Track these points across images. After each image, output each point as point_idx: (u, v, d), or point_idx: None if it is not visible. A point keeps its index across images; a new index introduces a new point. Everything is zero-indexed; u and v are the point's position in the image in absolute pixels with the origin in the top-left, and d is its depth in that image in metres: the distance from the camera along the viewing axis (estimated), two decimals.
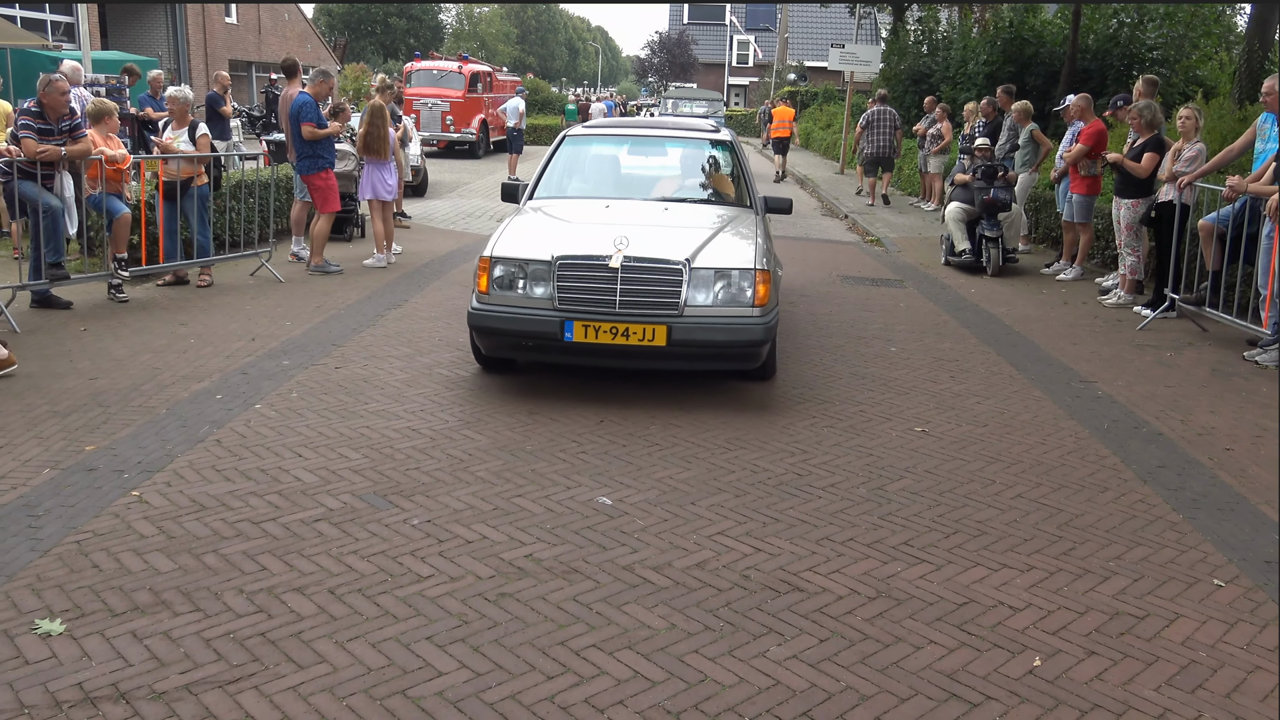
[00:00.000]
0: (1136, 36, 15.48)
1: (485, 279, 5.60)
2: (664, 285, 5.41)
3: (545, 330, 5.41)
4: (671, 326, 5.36)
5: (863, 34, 38.31)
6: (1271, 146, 7.43)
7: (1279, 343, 6.89)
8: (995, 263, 10.42)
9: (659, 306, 5.40)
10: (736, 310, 5.48)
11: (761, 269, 5.54)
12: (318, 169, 9.17)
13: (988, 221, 10.50)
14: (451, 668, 3.06)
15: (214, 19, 30.12)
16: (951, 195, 11.22)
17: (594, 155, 7.45)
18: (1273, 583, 3.80)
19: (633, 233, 5.73)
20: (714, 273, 5.51)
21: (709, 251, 5.64)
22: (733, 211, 6.55)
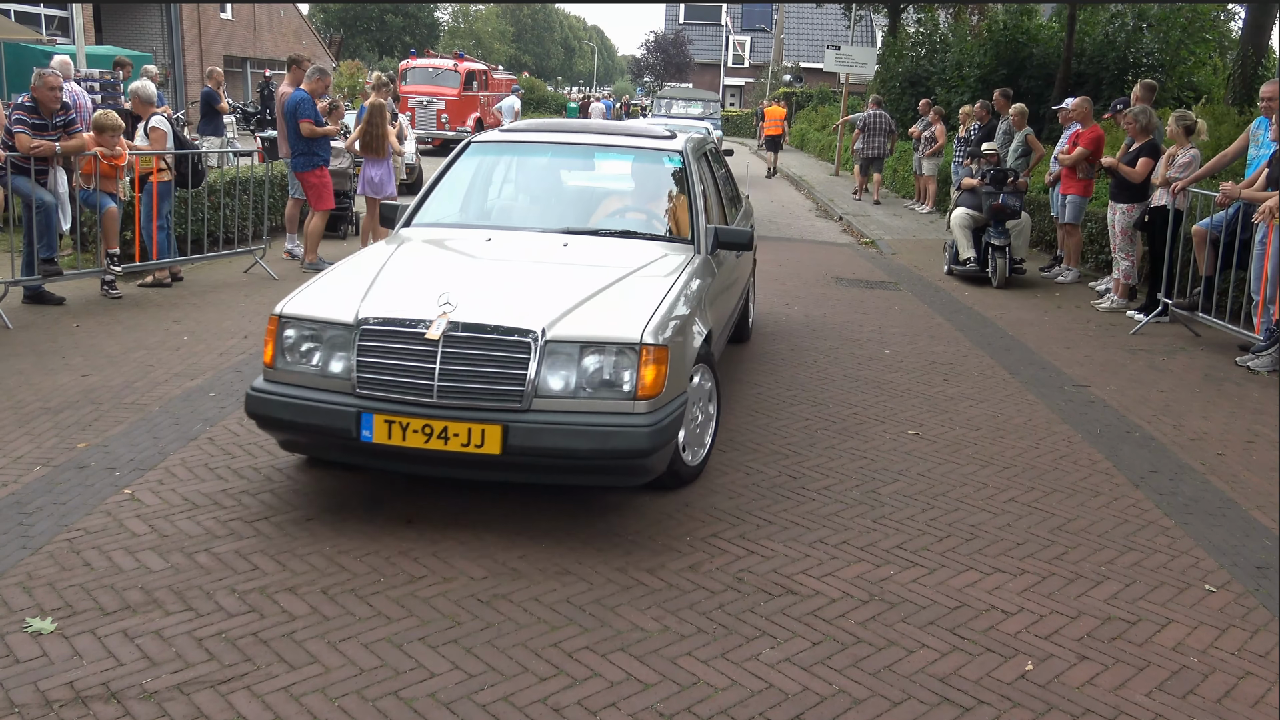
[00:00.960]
0: (1133, 40, 15.52)
1: (271, 346, 4.12)
2: (502, 365, 3.82)
3: (336, 425, 3.87)
4: (509, 427, 3.74)
5: (858, 36, 38.37)
6: (1265, 152, 7.45)
7: (1271, 348, 6.91)
8: (1002, 273, 9.88)
9: (494, 397, 3.81)
10: (608, 404, 3.85)
11: (653, 343, 3.89)
12: (313, 166, 9.16)
13: (995, 229, 9.98)
14: (444, 669, 3.05)
15: (209, 14, 30.04)
16: (957, 200, 10.68)
17: (503, 168, 5.95)
18: (1263, 589, 3.81)
19: (481, 284, 4.31)
20: (580, 347, 3.88)
21: (581, 315, 4.02)
22: (660, 250, 4.97)
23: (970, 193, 10.37)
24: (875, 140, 17.02)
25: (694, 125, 14.27)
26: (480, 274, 4.60)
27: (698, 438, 4.56)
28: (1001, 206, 9.83)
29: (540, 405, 3.81)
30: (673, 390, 4.02)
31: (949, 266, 10.64)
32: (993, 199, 9.92)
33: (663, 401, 3.93)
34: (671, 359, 3.98)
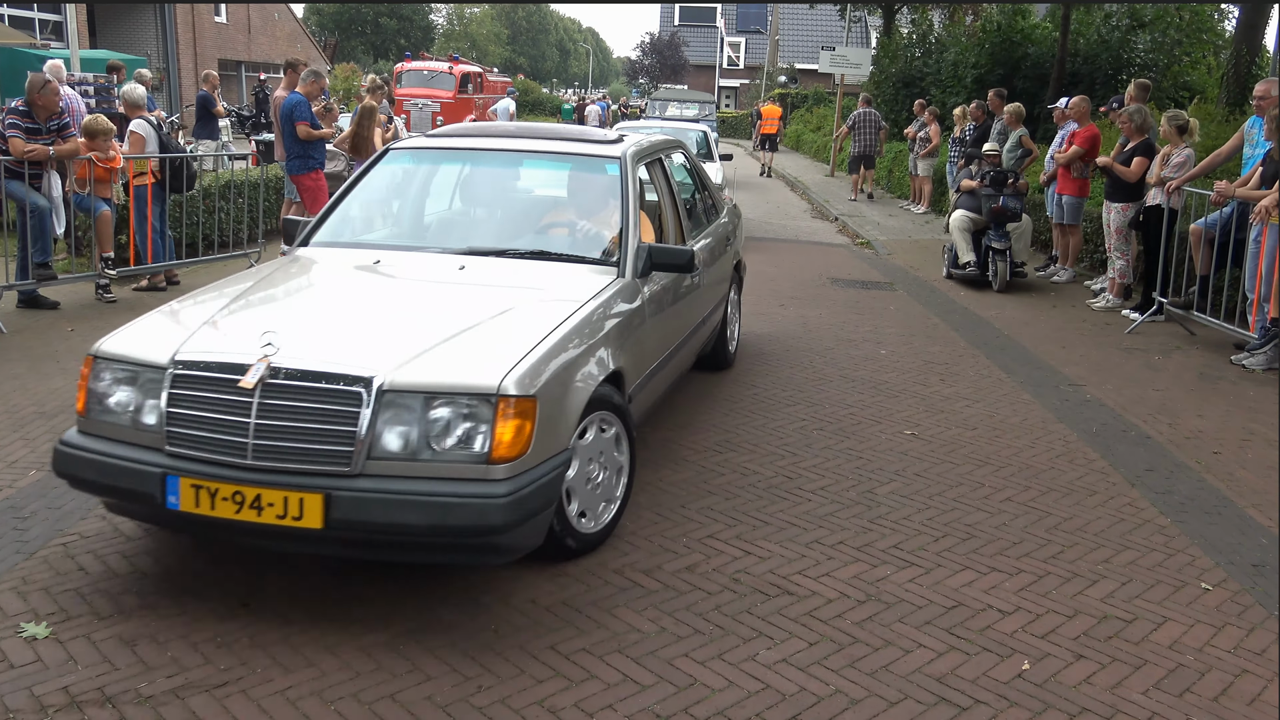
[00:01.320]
0: (1127, 41, 15.55)
1: (83, 393, 3.48)
2: (328, 420, 3.17)
3: (139, 489, 3.27)
4: (331, 496, 3.10)
5: (853, 37, 38.40)
6: (1259, 151, 7.47)
7: (1266, 346, 6.92)
8: (1002, 277, 9.65)
9: (317, 459, 3.16)
10: (456, 468, 3.19)
11: (516, 394, 3.22)
12: (308, 169, 9.14)
13: (995, 232, 9.74)
14: (441, 671, 3.05)
15: (203, 18, 30.02)
16: (956, 203, 10.45)
17: (421, 178, 5.32)
18: (1259, 586, 3.82)
19: (325, 320, 3.76)
20: (424, 398, 3.21)
21: (435, 357, 3.37)
22: (573, 274, 4.31)
23: (969, 195, 10.18)
24: (866, 137, 17.52)
25: (689, 128, 14.25)
26: (332, 306, 3.96)
27: (598, 500, 3.84)
28: (1001, 209, 9.62)
29: (374, 469, 3.16)
30: (544, 449, 3.33)
31: (948, 270, 10.43)
32: (992, 201, 9.71)
33: (528, 464, 3.25)
34: (543, 412, 3.30)
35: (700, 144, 13.47)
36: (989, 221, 9.75)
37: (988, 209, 9.72)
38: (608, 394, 3.81)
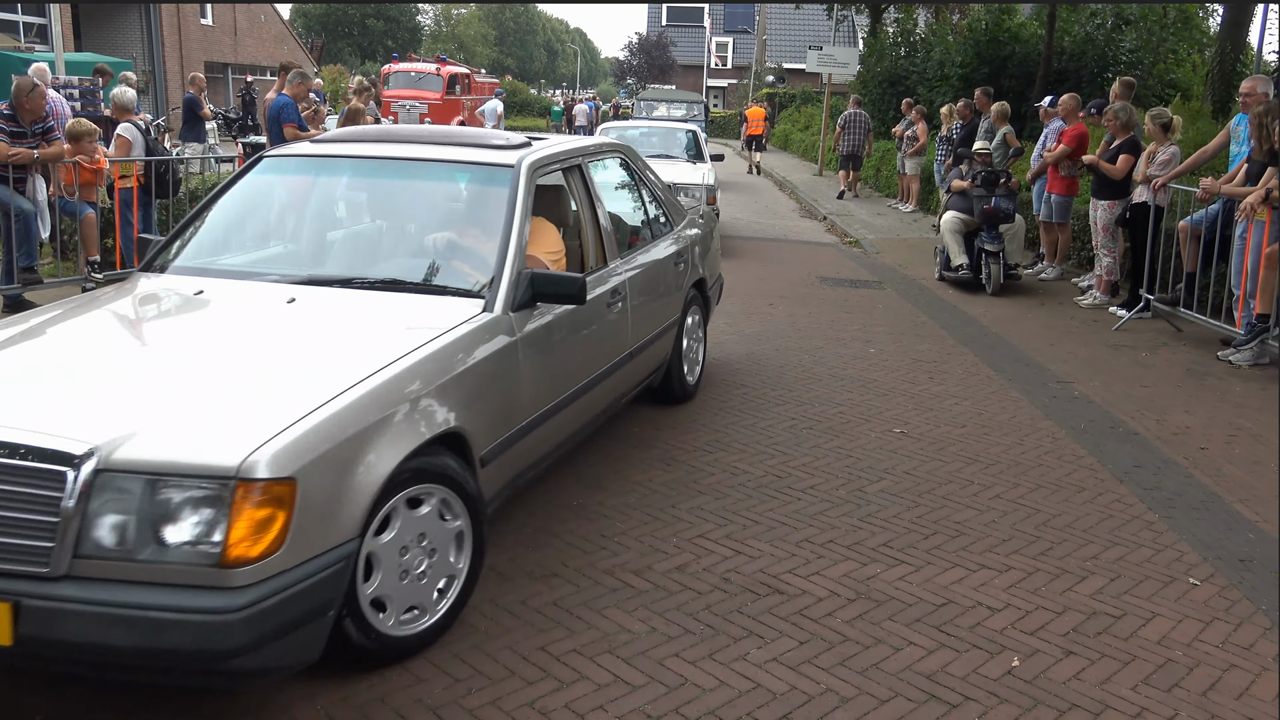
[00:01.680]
0: (1112, 39, 15.62)
1: None
2: (23, 507, 2.52)
3: None
4: (21, 606, 2.45)
5: (840, 36, 38.49)
6: (1245, 148, 7.51)
7: (1252, 343, 6.96)
8: (996, 280, 9.41)
9: (6, 556, 2.51)
10: (186, 571, 2.50)
11: (266, 476, 2.53)
12: None
13: (988, 233, 9.48)
14: (430, 674, 3.04)
15: (189, 20, 29.91)
16: (947, 204, 10.16)
17: (286, 190, 4.65)
18: (1247, 581, 3.84)
19: (55, 373, 3.05)
20: (147, 480, 2.51)
21: (174, 425, 2.68)
22: (423, 309, 3.61)
23: (960, 195, 9.94)
24: (854, 137, 17.92)
25: (678, 127, 13.95)
26: (89, 355, 3.25)
27: (415, 594, 3.09)
28: (994, 210, 9.37)
29: (83, 570, 2.48)
30: (311, 545, 2.63)
31: (940, 272, 10.20)
32: (984, 202, 9.45)
33: (283, 566, 2.55)
34: (309, 497, 2.60)
35: (689, 145, 13.13)
36: (981, 223, 9.55)
37: (980, 210, 9.50)
38: (436, 463, 3.10)
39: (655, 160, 10.58)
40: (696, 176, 11.41)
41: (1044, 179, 10.25)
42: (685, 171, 11.46)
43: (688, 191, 10.80)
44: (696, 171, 11.65)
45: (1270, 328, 6.86)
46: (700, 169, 11.84)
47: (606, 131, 12.96)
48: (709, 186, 11.24)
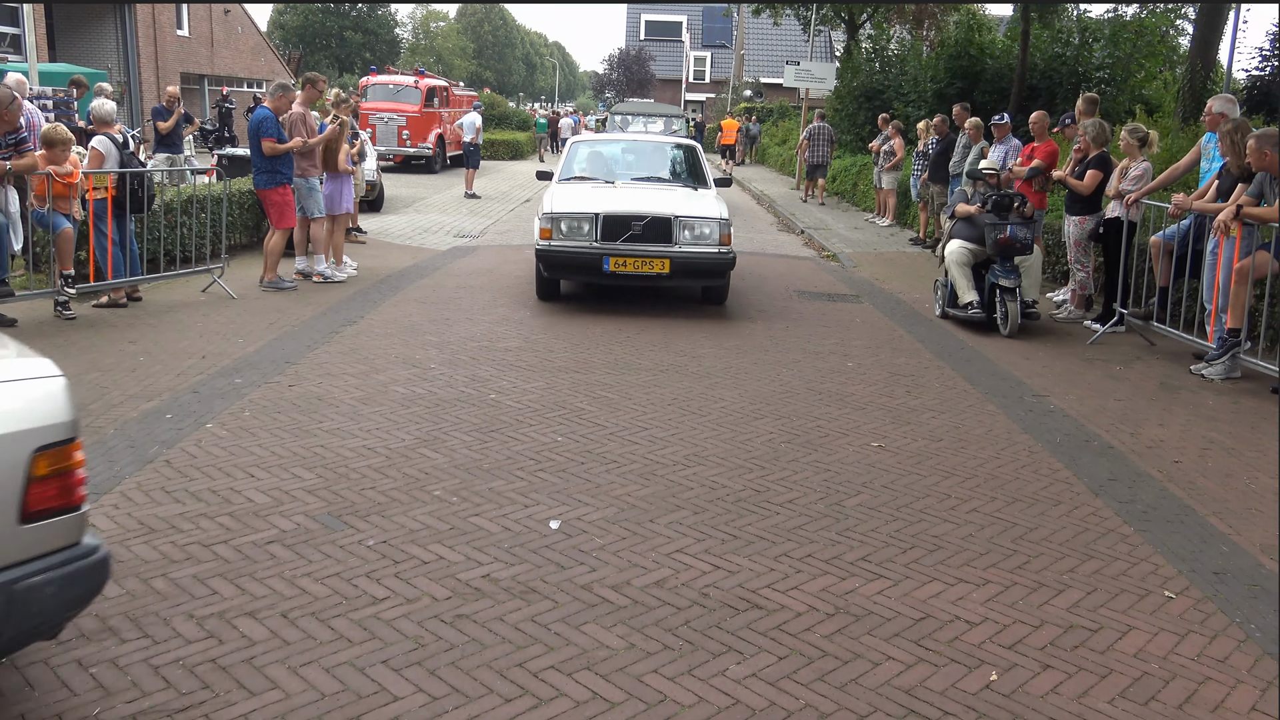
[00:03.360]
0: (1083, 56, 15.82)
1: None
2: None
3: None
4: None
5: (818, 52, 38.75)
6: (1216, 165, 7.61)
7: (1224, 357, 7.03)
8: (1014, 320, 8.14)
9: None
10: None
11: None
12: (275, 184, 9.05)
13: (1002, 267, 8.26)
14: (408, 691, 3.01)
15: (165, 31, 29.73)
16: (952, 231, 8.87)
17: None
18: (1221, 594, 3.87)
19: None
20: None
21: None
22: None
23: (967, 222, 8.67)
24: (819, 149, 19.35)
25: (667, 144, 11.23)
26: None
27: None
28: (1010, 240, 8.12)
29: None
30: None
31: (942, 309, 9.04)
32: (998, 231, 8.17)
33: None
34: None
35: (685, 166, 10.25)
36: (994, 254, 8.33)
37: (993, 240, 8.23)
38: None
39: (644, 186, 9.44)
40: (704, 207, 8.78)
41: None
42: (687, 201, 8.89)
43: (693, 227, 8.49)
44: (702, 201, 9.00)
45: (1241, 342, 6.94)
46: (705, 197, 9.19)
47: (574, 149, 10.40)
48: (722, 221, 8.59)
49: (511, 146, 33.33)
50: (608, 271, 8.33)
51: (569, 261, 8.46)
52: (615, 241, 8.35)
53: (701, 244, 8.49)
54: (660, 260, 8.30)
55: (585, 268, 8.46)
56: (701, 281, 8.89)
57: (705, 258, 8.47)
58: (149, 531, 4.03)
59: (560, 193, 9.02)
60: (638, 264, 8.31)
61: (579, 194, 8.92)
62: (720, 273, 8.64)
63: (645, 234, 8.36)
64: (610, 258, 8.29)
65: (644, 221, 8.37)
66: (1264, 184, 6.73)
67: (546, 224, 8.43)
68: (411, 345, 7.26)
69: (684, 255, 8.38)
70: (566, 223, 8.43)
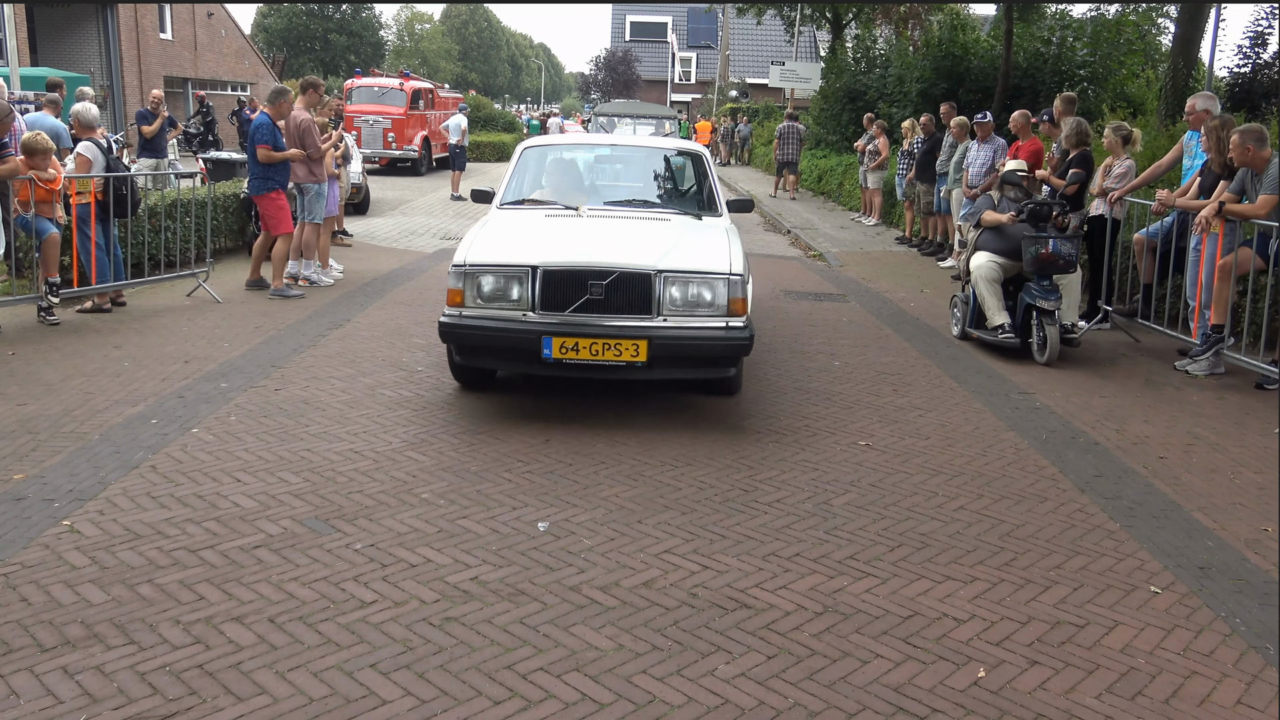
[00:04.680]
0: (1064, 55, 15.90)
1: None
2: None
3: None
4: None
5: (803, 52, 38.84)
6: (1198, 162, 7.66)
7: (1208, 353, 7.08)
8: (1053, 346, 7.20)
9: None
10: None
11: None
12: (268, 190, 8.94)
13: (1039, 286, 7.25)
14: (396, 695, 3.01)
15: (148, 34, 29.59)
16: (978, 242, 7.81)
17: None
18: (1206, 589, 3.89)
19: None
20: None
21: None
22: None
23: (995, 233, 7.67)
24: (790, 147, 20.37)
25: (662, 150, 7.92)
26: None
27: None
28: (1052, 256, 7.18)
29: None
30: None
31: (962, 329, 8.07)
32: (1038, 245, 7.19)
33: None
34: None
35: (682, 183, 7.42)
36: (1032, 271, 7.33)
37: (1032, 255, 7.23)
38: None
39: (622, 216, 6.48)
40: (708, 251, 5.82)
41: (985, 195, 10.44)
42: (682, 241, 5.92)
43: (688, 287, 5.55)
44: (705, 240, 6.05)
45: (1225, 338, 6.98)
46: (711, 234, 6.18)
47: (525, 158, 7.27)
48: (733, 278, 5.58)
49: (497, 148, 33.28)
50: (549, 359, 5.40)
51: (489, 342, 5.53)
52: (563, 311, 5.42)
53: (699, 314, 5.50)
54: (632, 342, 5.33)
55: (515, 352, 5.53)
56: (698, 373, 5.69)
57: (704, 338, 5.45)
58: (135, 537, 4.01)
59: (489, 230, 6.14)
60: (597, 348, 5.36)
61: (513, 233, 6.03)
62: (727, 360, 5.63)
63: (611, 298, 5.41)
64: (553, 338, 5.36)
65: (609, 279, 5.40)
66: (1245, 180, 6.78)
67: (457, 282, 5.57)
68: (398, 348, 7.24)
69: (671, 334, 5.41)
70: (488, 280, 5.53)
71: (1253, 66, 13.31)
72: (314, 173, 9.36)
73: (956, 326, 8.23)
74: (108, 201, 8.10)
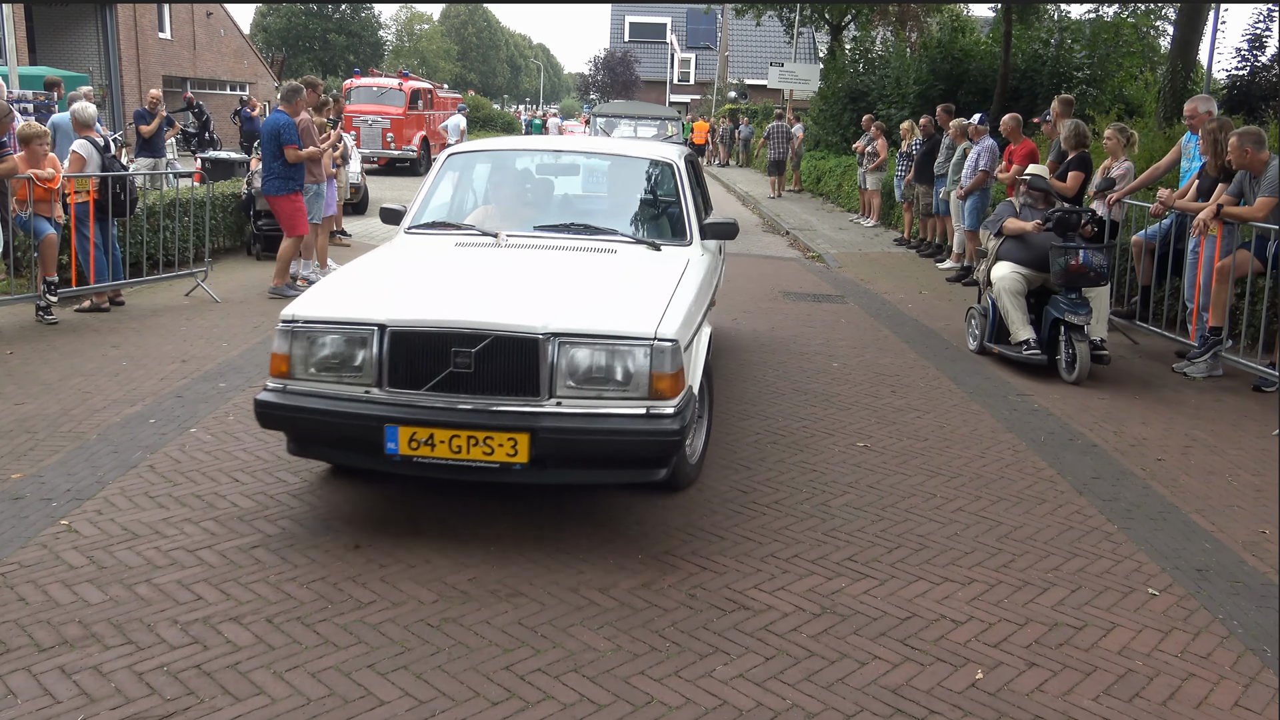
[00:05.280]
0: (1062, 56, 15.92)
1: None
2: None
3: None
4: None
5: (801, 54, 38.87)
6: (1196, 165, 7.67)
7: (1206, 355, 7.08)
8: (1084, 364, 6.75)
9: None
10: None
11: None
12: (288, 190, 8.84)
13: (1068, 299, 6.83)
14: (394, 696, 3.01)
15: (147, 34, 29.59)
16: (1000, 251, 7.41)
17: None
18: (1204, 591, 3.90)
19: None
20: None
21: None
22: None
23: (1018, 241, 7.26)
24: (779, 147, 21.20)
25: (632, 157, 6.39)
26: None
27: None
28: (1083, 268, 6.74)
29: None
30: None
31: (981, 343, 7.59)
32: (1068, 256, 6.77)
33: None
34: None
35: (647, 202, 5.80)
36: (1060, 284, 6.91)
37: (1060, 266, 6.81)
38: None
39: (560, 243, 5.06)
40: (636, 300, 4.31)
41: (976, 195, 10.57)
42: (609, 287, 4.51)
43: (591, 356, 3.97)
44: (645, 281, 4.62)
45: (1223, 340, 6.99)
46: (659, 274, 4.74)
47: (445, 167, 5.82)
48: (659, 345, 3.94)
49: None
50: (395, 456, 3.90)
51: (317, 431, 4.09)
52: (418, 389, 3.93)
53: (609, 395, 3.95)
54: (508, 436, 3.83)
55: (352, 444, 4.06)
56: (608, 476, 4.18)
57: (614, 430, 3.88)
58: (133, 537, 4.01)
59: (353, 268, 4.95)
60: (459, 442, 3.84)
61: (378, 273, 4.74)
62: (648, 461, 4.03)
63: (482, 372, 3.89)
64: (400, 427, 3.86)
65: (480, 344, 3.88)
66: (1244, 183, 6.79)
67: (283, 344, 4.16)
68: None
69: (564, 425, 3.88)
70: (325, 342, 4.10)
71: (1251, 69, 13.32)
72: (312, 173, 9.34)
73: (974, 340, 7.75)
74: (106, 201, 8.09)
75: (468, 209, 5.79)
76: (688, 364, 4.16)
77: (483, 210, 5.75)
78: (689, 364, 4.20)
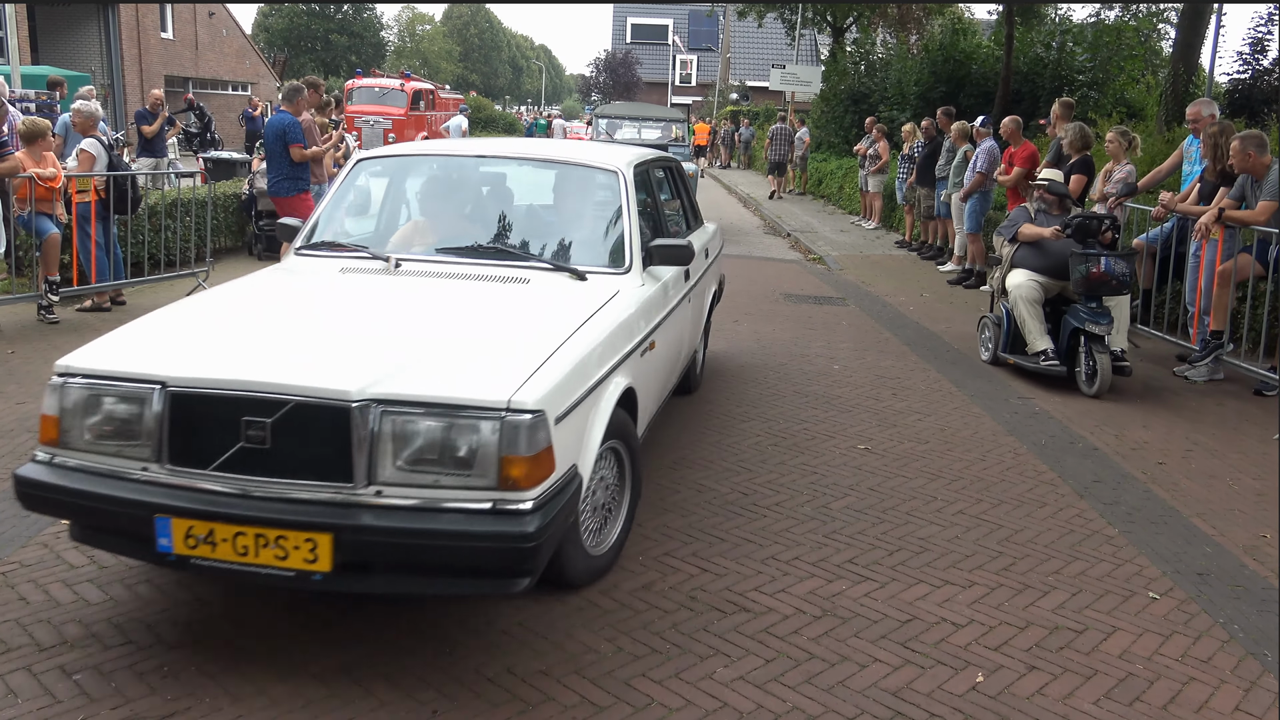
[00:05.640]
0: (1064, 60, 15.93)
1: None
2: None
3: None
4: None
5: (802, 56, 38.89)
6: (1197, 168, 7.67)
7: (1207, 359, 7.08)
8: (1105, 376, 6.53)
9: None
10: None
11: None
12: (297, 191, 8.81)
13: (1088, 309, 6.58)
14: (395, 697, 3.01)
15: (149, 34, 29.61)
16: (1014, 258, 7.16)
17: None
18: (1204, 594, 3.89)
19: None
20: None
21: None
22: None
23: (1035, 248, 7.00)
24: (780, 148, 21.61)
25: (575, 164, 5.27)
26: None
27: None
28: (1104, 276, 6.50)
29: None
30: None
31: (995, 353, 7.35)
32: (1089, 264, 6.51)
33: None
34: None
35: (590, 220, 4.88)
36: (1080, 292, 6.67)
37: (1081, 274, 6.55)
38: None
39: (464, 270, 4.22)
40: (487, 367, 3.20)
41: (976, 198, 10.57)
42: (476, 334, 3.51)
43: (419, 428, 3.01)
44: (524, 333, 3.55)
45: (1224, 344, 6.99)
46: (559, 312, 3.80)
47: (353, 175, 4.95)
48: (525, 421, 2.98)
49: None
50: (169, 555, 3.03)
51: (84, 515, 3.23)
52: (205, 468, 3.04)
53: (447, 482, 3.01)
54: (306, 535, 2.93)
55: (121, 534, 3.21)
56: (444, 586, 3.09)
57: (449, 531, 2.95)
58: None
59: (193, 303, 4.14)
60: (245, 542, 2.95)
61: (207, 312, 3.85)
62: (494, 571, 3.08)
63: (280, 449, 3.00)
64: (173, 519, 2.99)
65: (278, 412, 2.99)
66: (1245, 187, 6.79)
67: (52, 403, 3.22)
68: None
69: (382, 522, 2.96)
70: (98, 403, 3.18)
71: (1253, 73, 13.33)
72: (314, 173, 9.34)
73: (986, 351, 7.49)
74: (109, 200, 8.09)
75: (368, 227, 4.94)
76: (571, 438, 3.25)
77: (385, 229, 4.90)
78: (574, 437, 3.30)
